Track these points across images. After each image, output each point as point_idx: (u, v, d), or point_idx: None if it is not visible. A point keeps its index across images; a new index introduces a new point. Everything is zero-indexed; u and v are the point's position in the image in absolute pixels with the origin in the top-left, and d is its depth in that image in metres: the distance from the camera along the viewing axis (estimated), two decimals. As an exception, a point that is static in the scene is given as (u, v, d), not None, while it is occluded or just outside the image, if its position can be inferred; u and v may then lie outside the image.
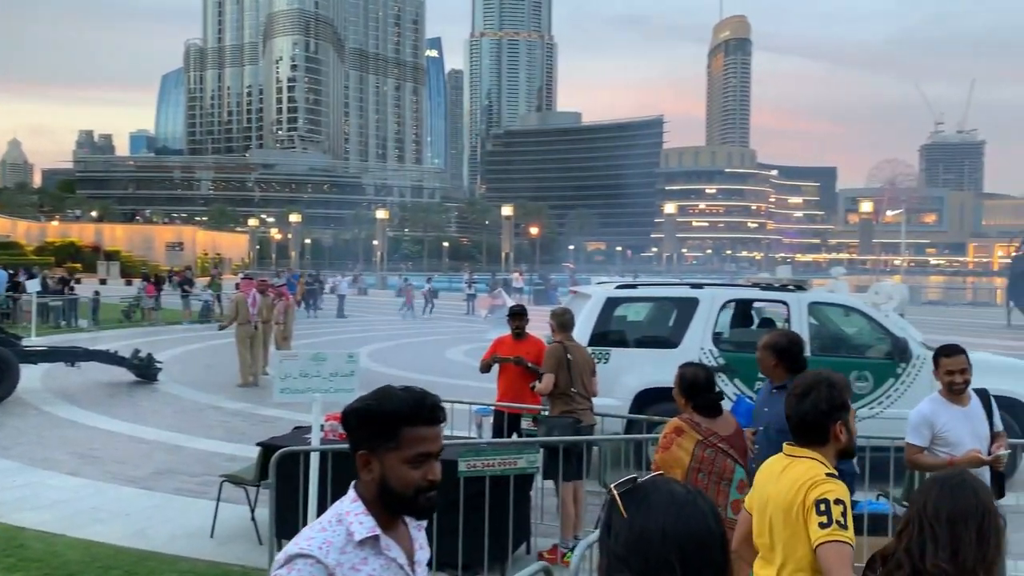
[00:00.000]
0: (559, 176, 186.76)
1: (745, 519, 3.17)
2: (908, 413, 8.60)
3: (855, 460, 4.45)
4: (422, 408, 1.88)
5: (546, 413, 6.87)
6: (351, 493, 1.93)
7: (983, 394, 4.80)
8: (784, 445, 2.97)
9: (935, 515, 2.32)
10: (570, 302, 10.45)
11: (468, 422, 8.28)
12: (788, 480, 2.79)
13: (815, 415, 2.86)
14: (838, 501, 2.67)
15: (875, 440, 6.88)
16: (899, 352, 8.72)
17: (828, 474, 2.78)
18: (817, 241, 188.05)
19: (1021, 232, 39.11)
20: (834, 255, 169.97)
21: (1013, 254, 35.29)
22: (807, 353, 8.66)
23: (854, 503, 6.15)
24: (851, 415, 2.94)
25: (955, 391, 4.61)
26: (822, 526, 2.63)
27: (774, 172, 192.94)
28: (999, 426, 4.77)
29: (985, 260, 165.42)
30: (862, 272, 79.83)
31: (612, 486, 1.49)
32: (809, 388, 2.92)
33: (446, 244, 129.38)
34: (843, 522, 2.63)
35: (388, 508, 1.90)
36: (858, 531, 5.88)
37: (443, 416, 1.93)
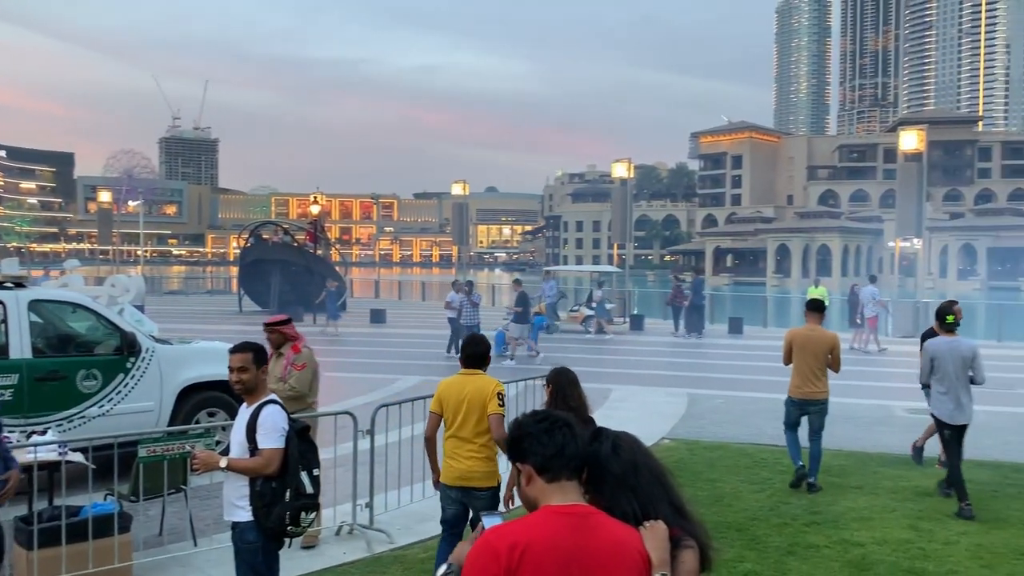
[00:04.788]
0: None
1: (433, 418, 5.57)
2: (139, 407, 8.80)
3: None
4: None
5: None
6: None
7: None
8: (461, 370, 5.56)
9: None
10: None
11: None
12: (479, 384, 5.44)
13: (487, 351, 5.61)
14: (504, 394, 5.48)
15: (98, 440, 6.74)
16: (128, 347, 8.77)
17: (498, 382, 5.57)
18: (55, 230, 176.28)
19: (249, 224, 43.37)
20: (75, 245, 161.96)
21: (243, 246, 38.80)
22: (28, 356, 8.04)
23: (79, 508, 6.01)
24: None
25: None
26: (499, 405, 5.37)
27: (2, 153, 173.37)
28: (240, 436, 4.49)
29: (223, 251, 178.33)
30: (104, 263, 78.06)
31: None
32: (478, 340, 5.62)
33: None
34: (505, 405, 5.46)
35: None
36: (83, 537, 5.77)
37: None
